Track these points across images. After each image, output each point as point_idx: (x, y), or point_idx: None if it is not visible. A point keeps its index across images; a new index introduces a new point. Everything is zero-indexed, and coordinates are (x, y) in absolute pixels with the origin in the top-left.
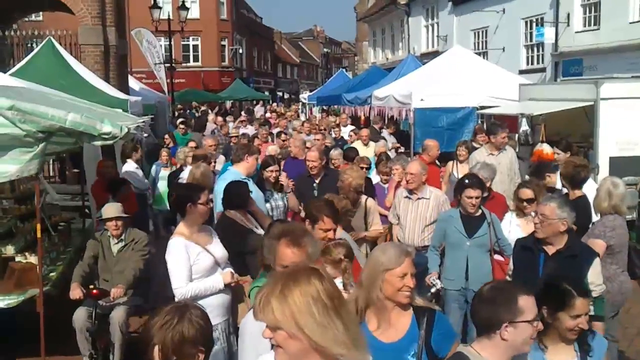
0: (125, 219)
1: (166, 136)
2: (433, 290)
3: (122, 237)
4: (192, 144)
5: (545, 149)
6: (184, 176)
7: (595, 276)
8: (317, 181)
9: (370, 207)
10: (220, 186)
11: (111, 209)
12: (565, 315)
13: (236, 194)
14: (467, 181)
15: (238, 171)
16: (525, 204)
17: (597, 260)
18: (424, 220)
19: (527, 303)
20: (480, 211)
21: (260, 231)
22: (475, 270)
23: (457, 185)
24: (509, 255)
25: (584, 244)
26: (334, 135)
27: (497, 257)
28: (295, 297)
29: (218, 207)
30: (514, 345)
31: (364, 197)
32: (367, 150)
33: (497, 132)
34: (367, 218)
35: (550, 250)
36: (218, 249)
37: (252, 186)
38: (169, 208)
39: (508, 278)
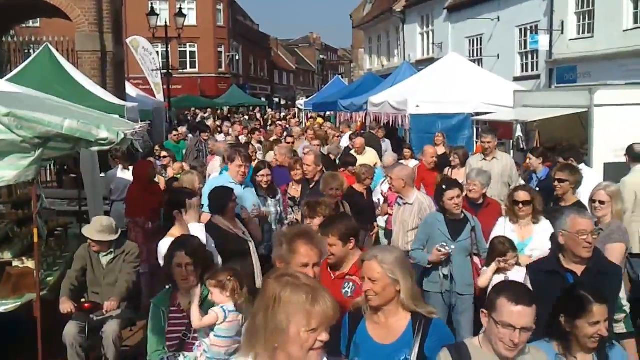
0: (100, 242)
1: (156, 147)
2: (444, 250)
3: (111, 249)
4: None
5: None
6: None
7: (623, 290)
8: (311, 186)
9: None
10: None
11: (92, 228)
12: (583, 323)
13: (215, 200)
14: (443, 186)
15: (230, 176)
16: (521, 206)
17: (623, 274)
18: (406, 225)
19: (505, 306)
20: (462, 214)
21: (246, 237)
22: (459, 273)
23: (435, 193)
24: (484, 257)
25: (604, 256)
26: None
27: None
28: None
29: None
30: (491, 338)
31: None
32: (362, 159)
33: (480, 137)
34: None
35: (578, 269)
36: None
37: (247, 191)
38: None
39: None
